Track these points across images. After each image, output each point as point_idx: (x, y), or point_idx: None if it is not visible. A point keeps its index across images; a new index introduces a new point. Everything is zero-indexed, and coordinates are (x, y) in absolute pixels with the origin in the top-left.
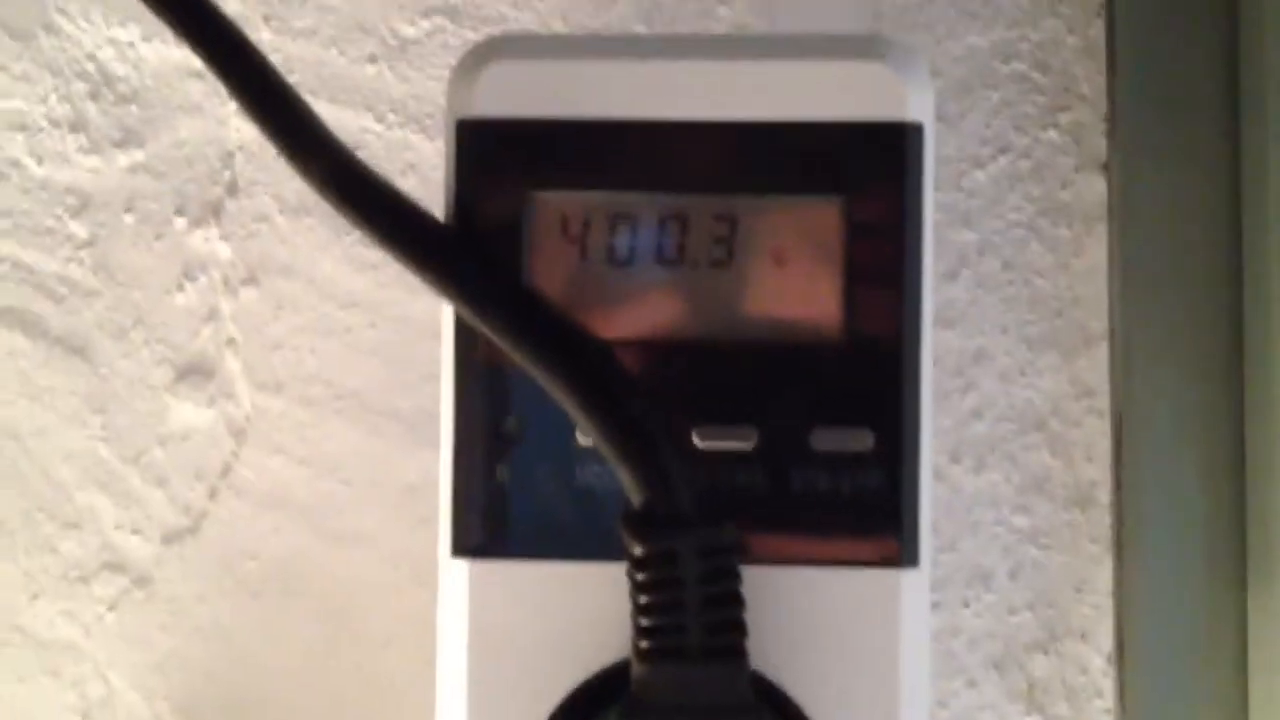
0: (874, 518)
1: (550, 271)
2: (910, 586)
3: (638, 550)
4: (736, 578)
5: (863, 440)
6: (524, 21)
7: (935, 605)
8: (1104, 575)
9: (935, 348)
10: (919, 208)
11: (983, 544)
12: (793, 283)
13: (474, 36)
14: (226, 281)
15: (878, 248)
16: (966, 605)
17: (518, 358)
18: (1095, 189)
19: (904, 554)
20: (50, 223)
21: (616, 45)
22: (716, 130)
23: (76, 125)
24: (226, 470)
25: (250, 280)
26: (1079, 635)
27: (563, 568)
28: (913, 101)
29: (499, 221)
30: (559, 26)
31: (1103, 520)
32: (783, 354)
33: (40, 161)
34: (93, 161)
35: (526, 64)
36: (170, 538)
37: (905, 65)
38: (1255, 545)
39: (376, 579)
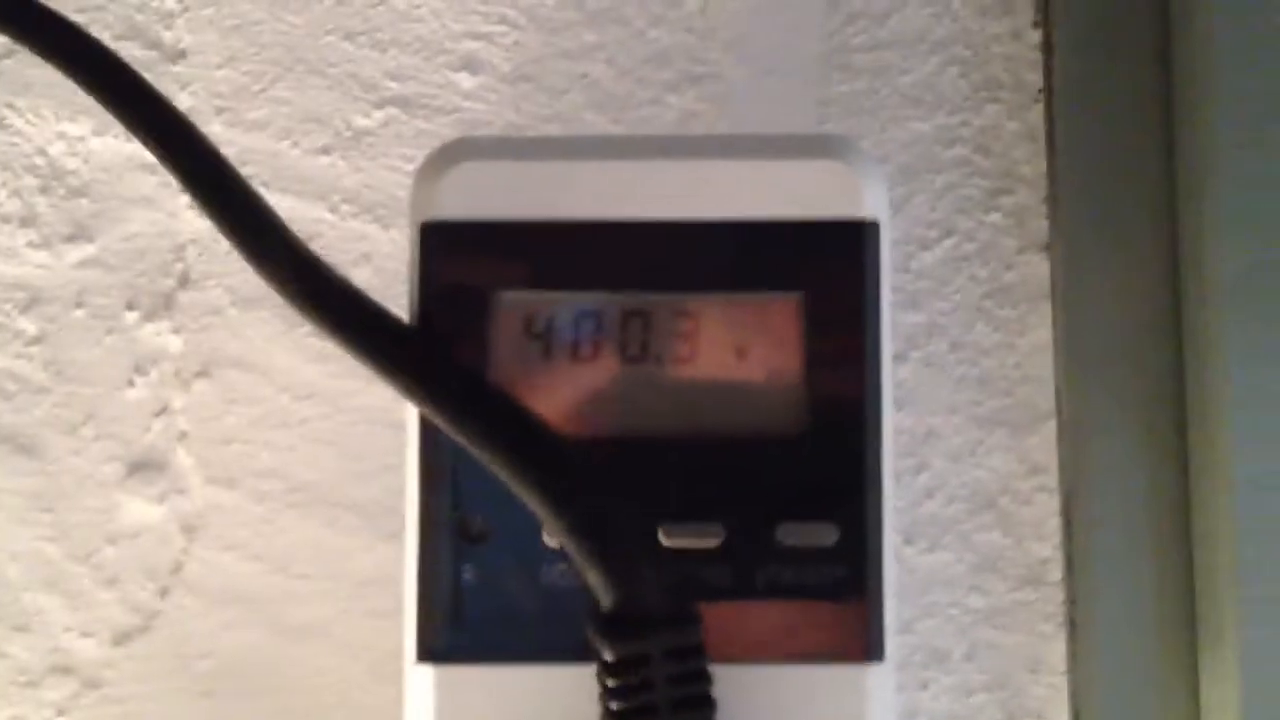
0: (839, 612)
1: (515, 370)
2: (877, 680)
3: (608, 655)
4: (708, 679)
5: (827, 535)
6: (476, 111)
7: (895, 689)
8: (1058, 653)
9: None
10: (877, 301)
11: (939, 625)
12: (755, 378)
13: (426, 127)
14: (179, 375)
15: (838, 342)
16: (925, 688)
17: (482, 457)
18: (1039, 270)
19: (870, 649)
20: None
21: (577, 146)
22: (678, 229)
23: (26, 220)
24: (178, 567)
25: (203, 373)
26: (1035, 715)
27: (530, 671)
28: (868, 199)
29: (463, 320)
30: (511, 116)
31: (1055, 598)
32: (747, 449)
33: None
34: (42, 256)
35: (488, 166)
36: (121, 638)
37: (861, 163)
38: (1205, 616)
39: (334, 674)
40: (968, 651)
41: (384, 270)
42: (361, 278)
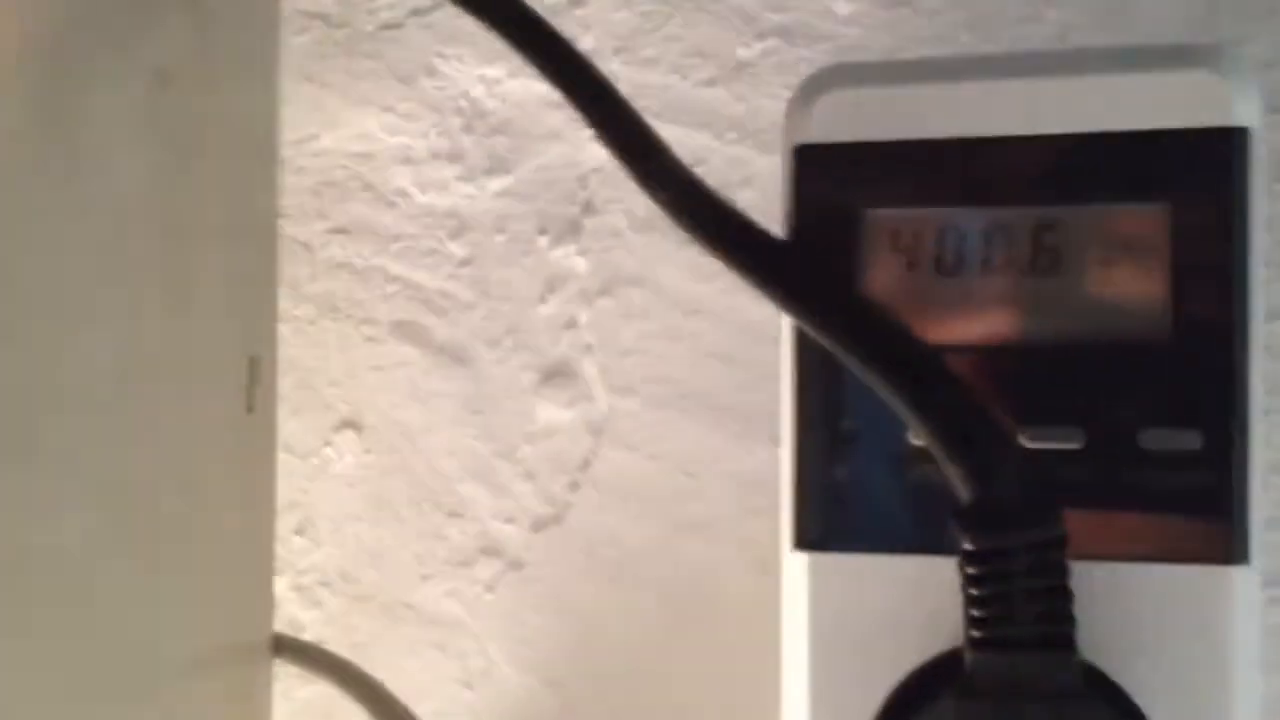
0: (1203, 515)
1: (883, 283)
2: (1241, 582)
3: (969, 546)
4: (1065, 571)
5: (1191, 440)
6: (852, 37)
7: (1276, 600)
8: None
9: (1276, 341)
10: (1246, 210)
11: None
12: (1120, 286)
13: (806, 54)
14: (584, 293)
15: (1205, 252)
16: None
17: (851, 363)
18: None
19: (1234, 550)
20: (433, 244)
21: (942, 67)
22: (1040, 144)
23: (453, 156)
24: (586, 465)
25: (604, 291)
26: None
27: (897, 560)
28: (1238, 106)
29: (834, 238)
30: (886, 40)
31: None
32: (1110, 355)
33: (423, 190)
34: (468, 188)
35: (857, 91)
36: (538, 526)
37: (1231, 70)
38: None
39: (719, 565)
40: None
41: (766, 192)
42: (746, 199)
